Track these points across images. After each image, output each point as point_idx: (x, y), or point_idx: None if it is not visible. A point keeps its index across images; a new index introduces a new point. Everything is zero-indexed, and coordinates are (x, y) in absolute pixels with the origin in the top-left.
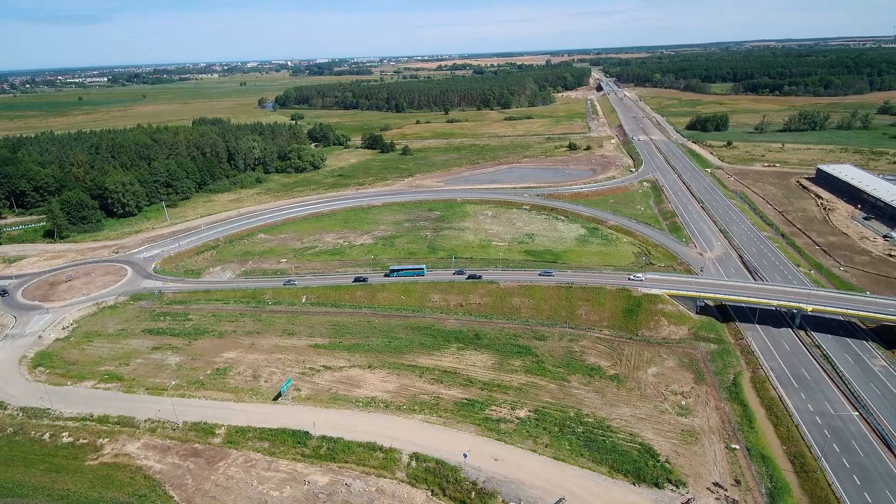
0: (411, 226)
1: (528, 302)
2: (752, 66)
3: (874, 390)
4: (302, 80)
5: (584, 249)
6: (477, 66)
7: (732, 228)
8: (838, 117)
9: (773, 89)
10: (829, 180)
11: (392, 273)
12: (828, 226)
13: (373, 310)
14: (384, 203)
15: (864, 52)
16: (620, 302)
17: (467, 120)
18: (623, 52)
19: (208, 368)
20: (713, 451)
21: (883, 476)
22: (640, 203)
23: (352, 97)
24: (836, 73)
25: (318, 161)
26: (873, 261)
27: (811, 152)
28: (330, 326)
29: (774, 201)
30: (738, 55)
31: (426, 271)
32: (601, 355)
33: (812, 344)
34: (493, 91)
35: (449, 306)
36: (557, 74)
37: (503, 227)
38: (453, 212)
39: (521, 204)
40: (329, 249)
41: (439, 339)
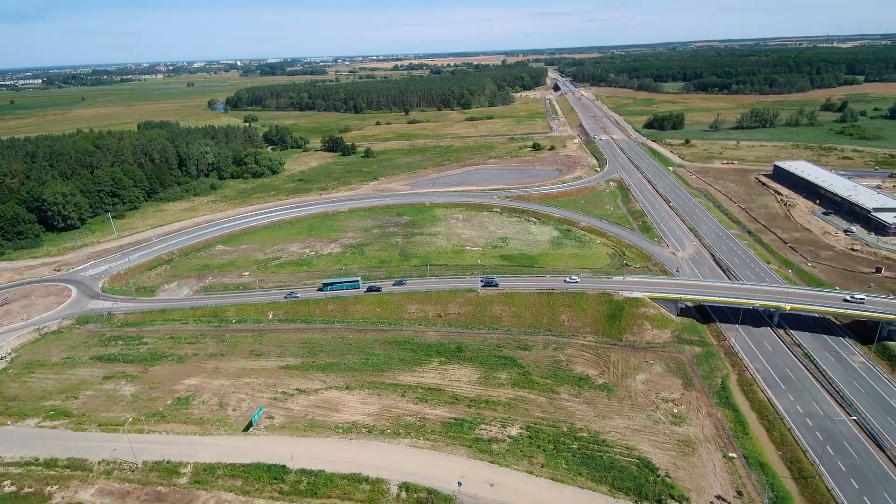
0: (380, 232)
1: (509, 310)
2: (700, 65)
3: (858, 388)
4: (253, 80)
5: (559, 252)
6: (433, 65)
7: (701, 227)
8: (787, 115)
9: (722, 88)
10: (786, 177)
11: (325, 287)
12: (790, 222)
13: (346, 324)
14: (350, 209)
15: (802, 51)
16: (603, 307)
17: (428, 120)
18: (576, 53)
19: (168, 398)
20: (711, 461)
21: (879, 478)
22: (609, 203)
23: (307, 98)
24: (779, 72)
25: (276, 165)
26: (837, 255)
27: (765, 149)
28: (301, 345)
29: (737, 198)
30: (686, 55)
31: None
32: (588, 363)
33: (792, 343)
34: (452, 91)
35: (427, 317)
36: (515, 74)
37: (475, 231)
38: (423, 216)
39: (492, 206)
40: (295, 260)
41: (420, 354)
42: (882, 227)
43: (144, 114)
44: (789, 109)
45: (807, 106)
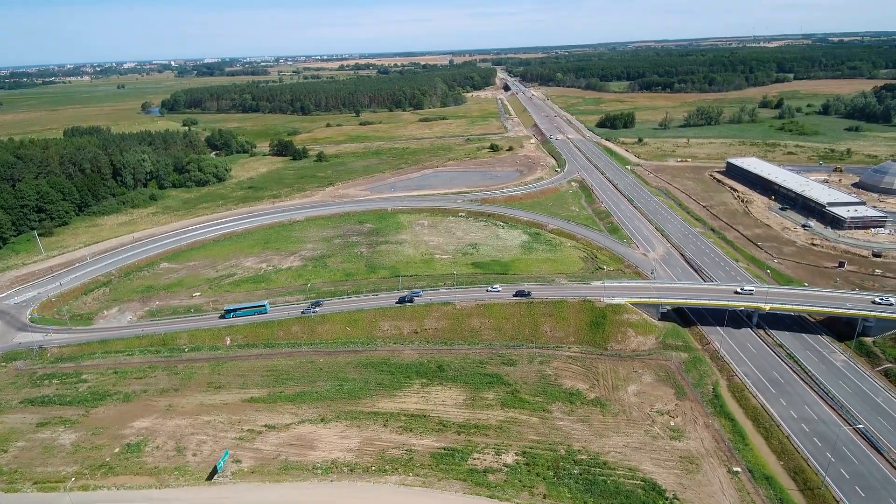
0: (343, 242)
1: (489, 322)
2: (642, 65)
3: (845, 388)
4: (190, 81)
5: (532, 257)
6: (381, 65)
7: (667, 226)
8: (730, 112)
9: (665, 87)
10: (740, 173)
11: (228, 314)
12: (750, 218)
13: (314, 347)
14: (307, 217)
15: (735, 51)
16: (585, 315)
17: (381, 122)
18: (521, 53)
19: (116, 445)
20: (717, 478)
21: (882, 483)
22: (574, 204)
23: (251, 99)
24: (716, 71)
25: (222, 172)
26: (800, 251)
27: (714, 146)
28: (266, 373)
29: (696, 196)
30: (627, 55)
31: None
32: (576, 377)
33: (774, 343)
34: (403, 91)
35: (402, 334)
36: (465, 74)
37: (443, 237)
38: (387, 223)
39: (457, 211)
40: (251, 276)
41: (398, 376)
42: (837, 222)
43: (71, 119)
44: (731, 107)
45: (746, 103)
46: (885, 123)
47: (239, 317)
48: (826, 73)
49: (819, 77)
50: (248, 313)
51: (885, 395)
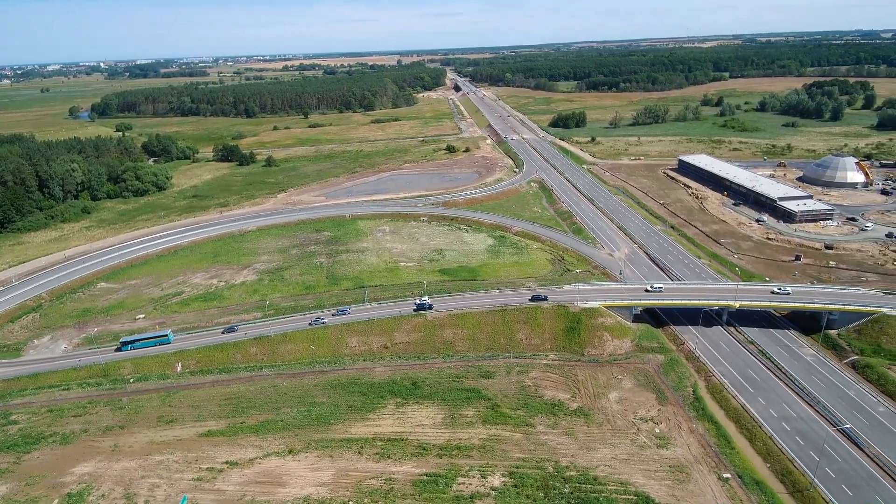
0: (300, 252)
1: (463, 332)
2: (588, 65)
3: (818, 383)
4: (122, 83)
5: (499, 261)
6: (327, 66)
7: (629, 225)
8: (675, 111)
9: (611, 86)
10: (692, 170)
11: (125, 347)
12: (706, 214)
13: (276, 369)
14: (259, 227)
15: (674, 51)
16: (560, 320)
17: (331, 124)
18: (470, 53)
19: (55, 496)
20: (708, 486)
21: (867, 481)
22: (535, 205)
23: (190, 102)
24: (658, 71)
25: (162, 180)
26: (757, 245)
27: (664, 144)
28: (224, 402)
29: (653, 193)
30: (571, 55)
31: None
32: (557, 386)
33: (745, 340)
34: (353, 93)
35: (371, 350)
36: (415, 75)
37: (407, 244)
38: (346, 231)
39: (419, 215)
40: (201, 294)
41: (371, 397)
42: (789, 216)
43: None
44: (675, 105)
45: (689, 102)
46: (817, 119)
47: (137, 349)
48: (759, 72)
49: (752, 75)
50: (149, 344)
51: (856, 389)
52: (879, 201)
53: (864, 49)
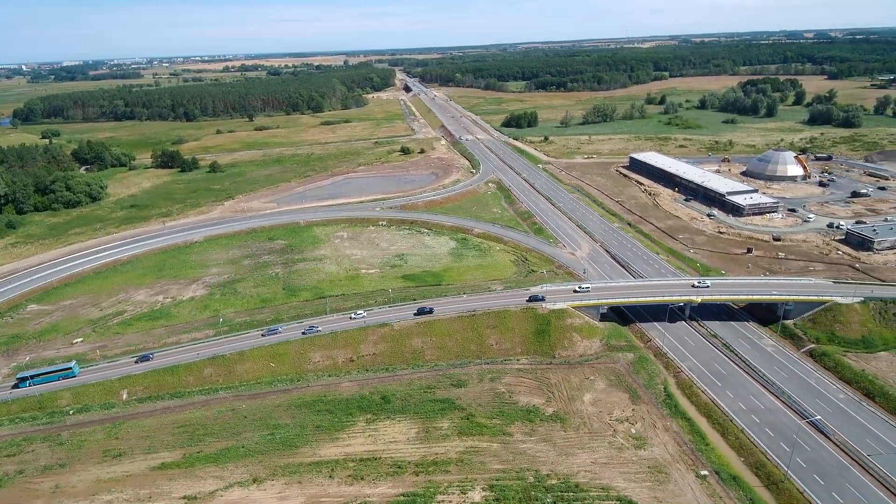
0: (253, 263)
1: (431, 341)
2: (535, 65)
3: (780, 373)
4: (47, 87)
5: (463, 265)
6: (270, 66)
7: (588, 223)
8: (622, 109)
9: (559, 86)
10: (643, 167)
11: (23, 383)
12: (660, 210)
13: (234, 391)
14: (206, 237)
15: (616, 52)
16: (529, 323)
17: (279, 126)
18: (417, 53)
19: None
20: (688, 485)
21: (837, 469)
22: (494, 206)
23: (124, 106)
24: (603, 71)
25: (96, 190)
26: (710, 239)
27: (613, 142)
28: (178, 430)
29: (607, 191)
30: (518, 55)
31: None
32: (531, 391)
33: (708, 334)
34: (300, 94)
35: (337, 364)
36: (363, 75)
37: (367, 250)
38: (301, 238)
39: (377, 220)
40: (145, 313)
41: (339, 414)
42: (737, 210)
43: None
44: (622, 104)
45: (634, 101)
46: (754, 115)
47: (37, 384)
48: (696, 71)
49: (690, 74)
50: (51, 379)
51: (816, 377)
52: (818, 193)
53: (790, 49)
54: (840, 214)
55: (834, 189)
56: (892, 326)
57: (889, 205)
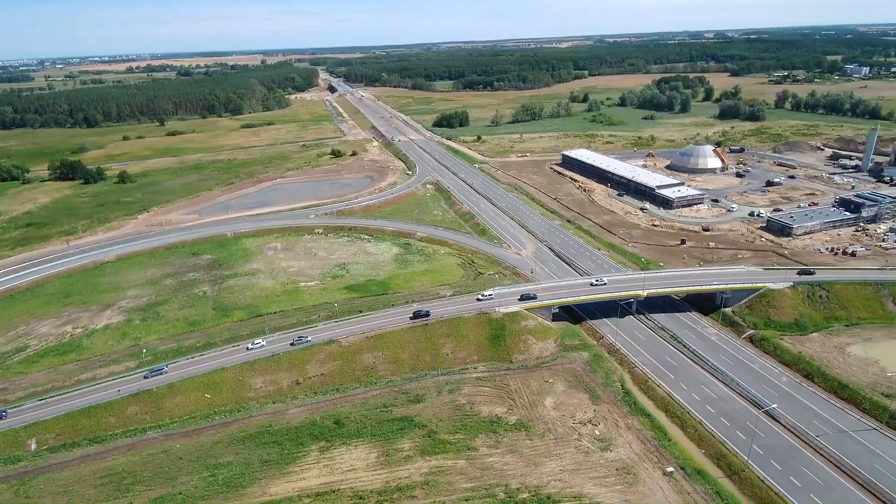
0: (176, 282)
1: (384, 355)
2: (461, 65)
3: (726, 361)
4: None
5: (409, 271)
6: (180, 66)
7: (529, 222)
8: (549, 108)
9: (486, 85)
10: (575, 164)
11: None
12: (596, 206)
13: (165, 430)
14: (120, 256)
15: (538, 52)
16: (483, 329)
17: (194, 131)
18: (339, 52)
19: None
20: (657, 484)
21: (790, 452)
22: (435, 208)
23: (13, 112)
24: (526, 70)
25: None
26: (646, 233)
27: (545, 140)
28: (100, 480)
29: (544, 189)
30: (443, 55)
31: None
32: (492, 400)
33: (656, 327)
34: (217, 95)
35: (281, 389)
36: (284, 75)
37: (304, 261)
38: (229, 252)
39: (313, 228)
40: (53, 347)
41: (288, 445)
42: (667, 202)
43: None
44: (548, 103)
45: (559, 99)
46: (670, 111)
47: None
48: (612, 70)
49: (608, 73)
50: None
51: (759, 363)
52: (736, 184)
53: (695, 48)
54: (759, 203)
55: (750, 179)
56: (819, 308)
57: (800, 192)
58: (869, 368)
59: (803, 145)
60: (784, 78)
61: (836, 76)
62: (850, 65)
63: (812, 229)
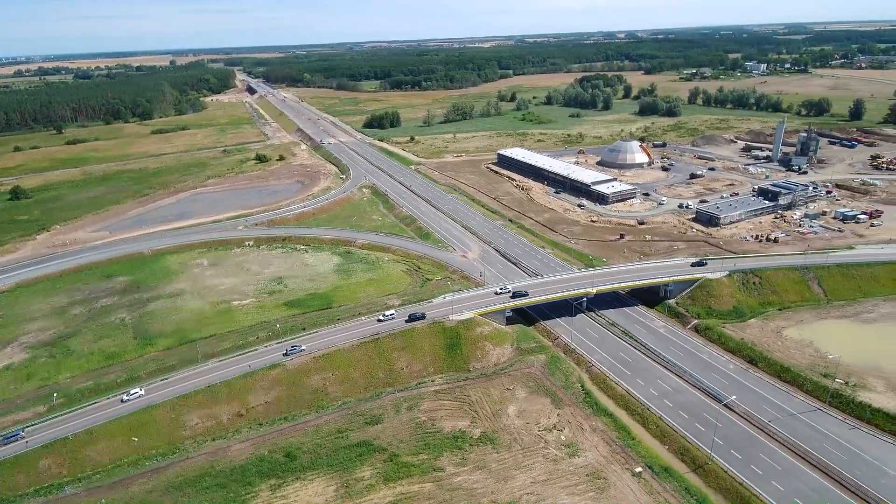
0: (88, 310)
1: (334, 376)
2: (387, 64)
3: (676, 353)
4: None
5: (352, 281)
6: (78, 69)
7: (472, 223)
8: (479, 107)
9: (414, 85)
10: (511, 163)
11: None
12: (535, 204)
13: (87, 483)
14: (19, 283)
15: (463, 51)
16: (437, 338)
17: (98, 138)
18: (257, 52)
19: None
20: (628, 487)
21: (747, 440)
22: (373, 213)
23: None
24: (453, 70)
25: None
26: (586, 229)
27: (478, 139)
28: None
29: (483, 189)
30: (367, 54)
31: None
32: (454, 414)
33: (607, 323)
34: (122, 99)
35: (221, 424)
36: (198, 76)
37: (236, 277)
38: (149, 272)
39: (242, 240)
40: None
41: (234, 487)
42: (603, 198)
43: None
44: (478, 102)
45: (487, 98)
46: (594, 109)
47: None
48: (536, 69)
49: (532, 72)
50: None
51: (707, 352)
52: (663, 177)
53: (610, 48)
54: (685, 195)
55: (675, 172)
56: (754, 294)
57: (721, 183)
58: (805, 350)
59: (718, 138)
60: (693, 75)
61: (738, 73)
62: (749, 62)
63: (737, 218)
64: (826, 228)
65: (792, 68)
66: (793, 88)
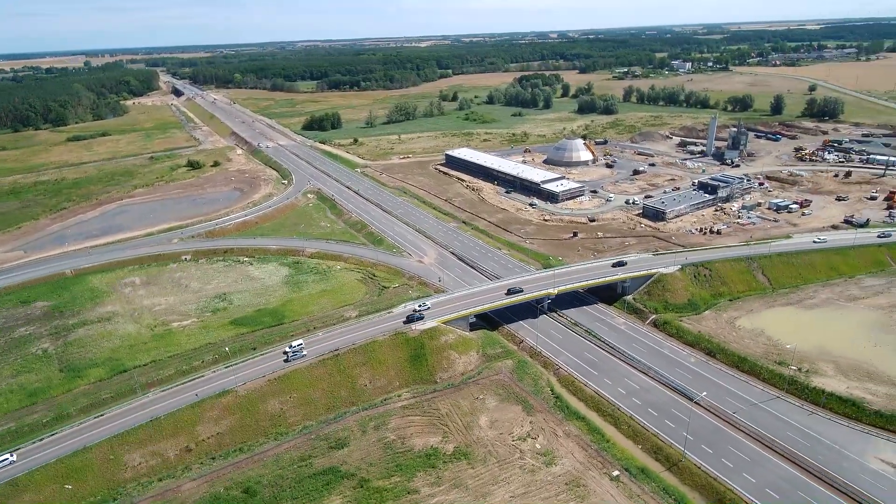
0: (4, 342)
1: (292, 398)
2: (323, 64)
3: (638, 349)
4: None
5: (304, 294)
6: None
7: (425, 227)
8: (423, 107)
9: (352, 85)
10: (460, 164)
11: None
12: (487, 205)
13: None
14: None
15: (400, 51)
16: (401, 350)
17: (5, 147)
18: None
19: None
20: (607, 492)
21: (715, 434)
22: (321, 219)
23: None
24: (391, 69)
25: None
26: (539, 228)
27: (423, 140)
28: None
29: (433, 191)
30: (302, 54)
31: None
32: (424, 430)
33: (570, 323)
34: (31, 104)
35: (168, 461)
36: (117, 78)
37: (174, 295)
38: (72, 295)
39: (178, 254)
40: None
41: None
42: (553, 197)
43: None
44: (421, 102)
45: (428, 98)
46: (535, 108)
47: None
48: (475, 69)
49: (470, 72)
50: None
51: (668, 347)
52: (608, 174)
53: (545, 47)
54: (631, 191)
55: (619, 169)
56: (705, 287)
57: (662, 178)
58: (758, 339)
59: (655, 135)
60: (625, 74)
61: (665, 71)
62: (675, 61)
63: (681, 212)
64: (763, 219)
65: (714, 66)
66: (717, 86)
